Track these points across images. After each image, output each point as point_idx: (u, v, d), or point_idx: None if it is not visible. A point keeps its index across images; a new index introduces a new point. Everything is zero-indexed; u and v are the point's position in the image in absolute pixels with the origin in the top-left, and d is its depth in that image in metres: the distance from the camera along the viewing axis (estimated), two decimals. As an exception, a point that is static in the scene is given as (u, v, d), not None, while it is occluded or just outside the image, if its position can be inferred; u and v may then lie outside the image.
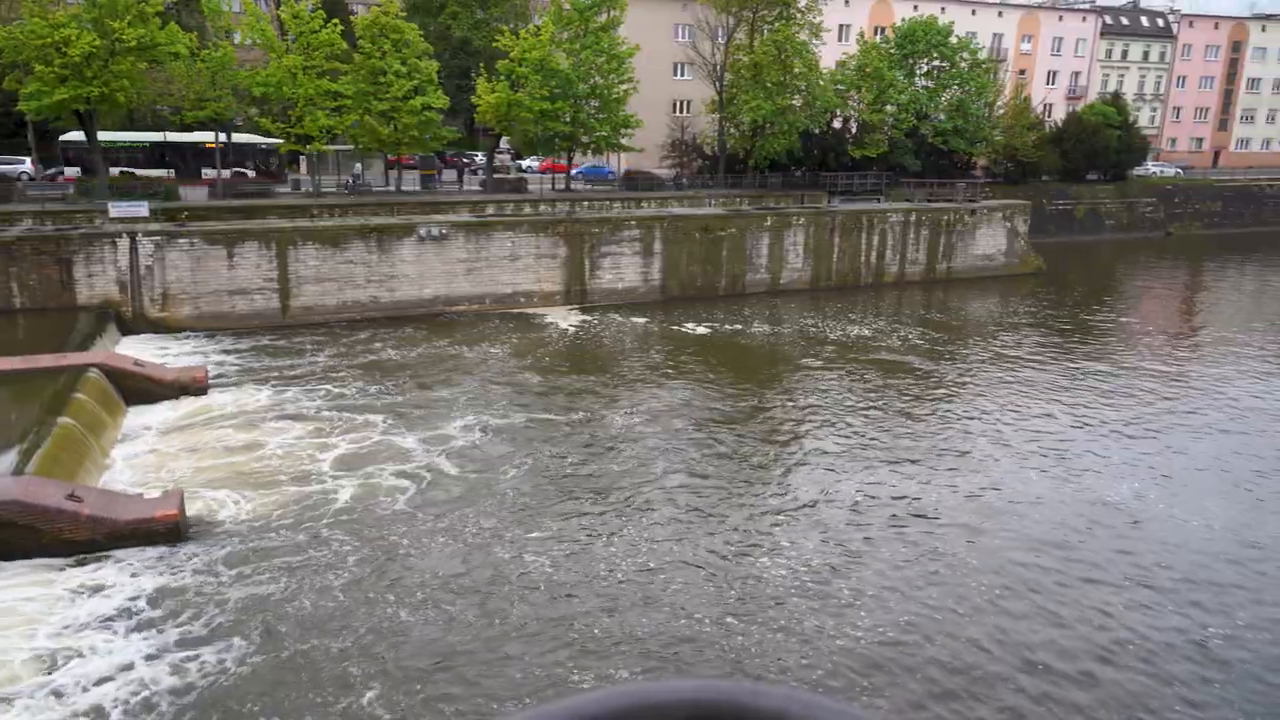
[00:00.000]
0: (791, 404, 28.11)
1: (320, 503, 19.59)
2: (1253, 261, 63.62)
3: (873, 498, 20.83)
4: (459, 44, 56.67)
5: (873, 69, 57.41)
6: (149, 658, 13.90)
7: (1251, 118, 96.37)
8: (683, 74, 63.16)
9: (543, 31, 47.15)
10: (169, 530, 17.46)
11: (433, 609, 15.62)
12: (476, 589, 16.30)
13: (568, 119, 48.22)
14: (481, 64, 48.92)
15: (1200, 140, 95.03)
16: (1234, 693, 13.73)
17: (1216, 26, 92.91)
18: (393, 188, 48.50)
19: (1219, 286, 55.61)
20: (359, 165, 49.60)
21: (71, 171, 46.31)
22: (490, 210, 43.96)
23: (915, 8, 70.91)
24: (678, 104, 64.32)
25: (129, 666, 13.68)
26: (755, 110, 50.92)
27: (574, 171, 58.08)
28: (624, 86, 49.72)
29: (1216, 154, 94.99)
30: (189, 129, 46.48)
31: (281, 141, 44.70)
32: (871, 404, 28.15)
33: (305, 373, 29.32)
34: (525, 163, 65.19)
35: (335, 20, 43.05)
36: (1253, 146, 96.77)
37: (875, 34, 67.83)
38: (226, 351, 31.62)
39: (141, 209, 36.20)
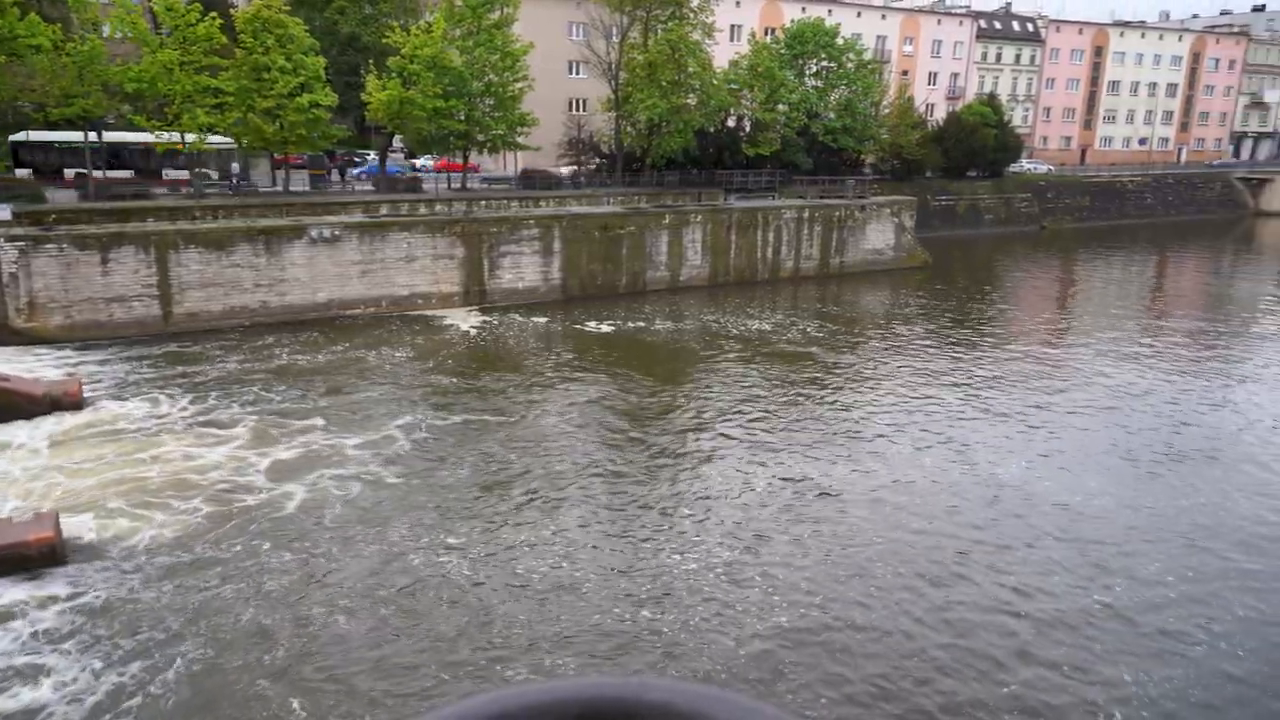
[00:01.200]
0: (698, 397, 28.48)
1: (212, 517, 18.75)
2: (1118, 252, 67.81)
3: (780, 484, 21.33)
4: (347, 40, 54.99)
5: (764, 69, 58.62)
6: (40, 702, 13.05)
7: (1113, 118, 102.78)
8: (578, 72, 63.12)
9: (434, 28, 46.32)
10: (45, 554, 16.38)
11: (337, 620, 15.17)
12: (394, 596, 15.91)
13: (462, 117, 47.57)
14: (371, 60, 47.70)
15: (1069, 139, 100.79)
16: (1118, 644, 14.62)
17: (1080, 32, 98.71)
18: (280, 188, 46.81)
19: (1090, 276, 59.08)
20: (236, 165, 47.63)
21: (23, 173, 43.48)
22: (384, 210, 42.91)
23: (804, 9, 72.78)
24: (574, 102, 64.24)
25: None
26: (651, 109, 51.31)
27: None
28: (519, 84, 49.36)
29: (1083, 152, 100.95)
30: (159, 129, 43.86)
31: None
32: (775, 394, 28.77)
33: (189, 383, 27.99)
34: (420, 162, 63.86)
35: (213, 13, 41.19)
36: (1115, 145, 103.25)
37: (766, 34, 69.30)
38: (103, 362, 29.90)
39: (3, 212, 33.87)
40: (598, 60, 54.87)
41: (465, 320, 37.98)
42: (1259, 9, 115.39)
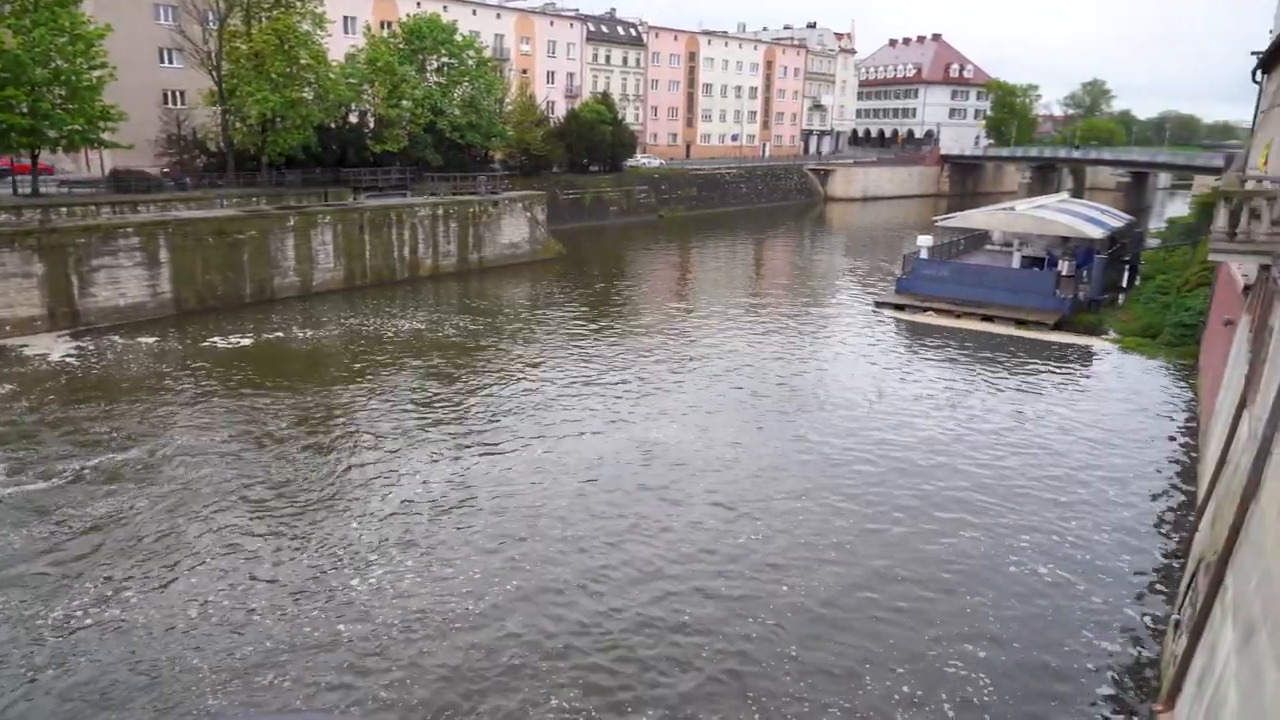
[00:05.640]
0: (358, 404, 27.03)
1: None
2: (723, 236, 76.13)
3: (453, 482, 21.19)
4: None
5: (383, 63, 57.13)
6: None
7: (710, 116, 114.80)
8: (171, 61, 56.58)
9: (-26, 3, 38.79)
10: None
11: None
12: (44, 662, 13.27)
13: (24, 109, 40.36)
14: (-114, 39, 38.73)
15: (675, 135, 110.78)
16: (759, 562, 16.63)
17: (676, 38, 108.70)
18: None
19: (703, 258, 65.62)
20: None
21: None
22: (-75, 222, 35.29)
23: (418, 4, 71.90)
24: (170, 95, 57.50)
25: None
26: (262, 103, 47.57)
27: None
28: (96, 73, 42.99)
29: (688, 147, 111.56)
30: None
31: None
32: (437, 391, 28.32)
33: None
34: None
35: None
36: (713, 141, 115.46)
37: (382, 28, 67.37)
38: None
39: None
40: (194, 48, 49.63)
41: (55, 348, 32.56)
42: (812, 26, 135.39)
